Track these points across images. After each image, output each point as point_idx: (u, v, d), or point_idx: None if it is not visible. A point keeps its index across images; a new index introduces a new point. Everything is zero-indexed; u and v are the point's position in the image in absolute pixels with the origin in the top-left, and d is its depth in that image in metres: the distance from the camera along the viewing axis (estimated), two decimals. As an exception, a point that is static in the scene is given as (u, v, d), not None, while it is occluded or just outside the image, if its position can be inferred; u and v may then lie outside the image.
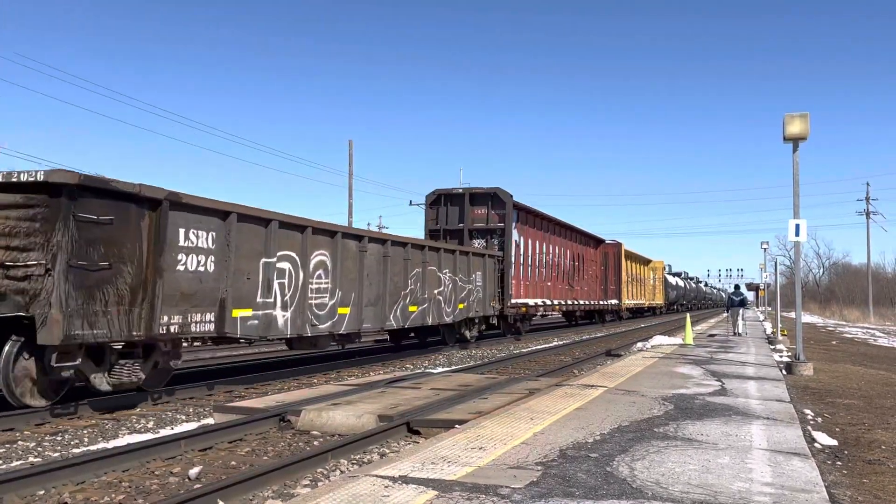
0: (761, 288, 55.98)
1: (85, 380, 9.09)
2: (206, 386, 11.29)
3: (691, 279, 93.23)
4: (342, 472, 6.18)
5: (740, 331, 23.81)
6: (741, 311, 24.28)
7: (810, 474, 5.03)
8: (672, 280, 64.91)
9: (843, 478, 5.67)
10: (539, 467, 5.01)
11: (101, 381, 9.18)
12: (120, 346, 9.37)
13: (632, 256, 45.21)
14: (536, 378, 12.17)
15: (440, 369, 14.66)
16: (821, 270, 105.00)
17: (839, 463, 6.21)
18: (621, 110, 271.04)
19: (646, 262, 51.10)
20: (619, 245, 41.11)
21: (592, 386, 9.67)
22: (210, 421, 8.62)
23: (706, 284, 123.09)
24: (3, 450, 7.11)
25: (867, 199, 65.68)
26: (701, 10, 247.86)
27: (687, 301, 78.71)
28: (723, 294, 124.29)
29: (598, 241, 38.40)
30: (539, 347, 21.67)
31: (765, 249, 43.64)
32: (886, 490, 5.31)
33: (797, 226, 13.19)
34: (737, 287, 25.60)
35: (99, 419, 8.81)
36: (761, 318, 49.26)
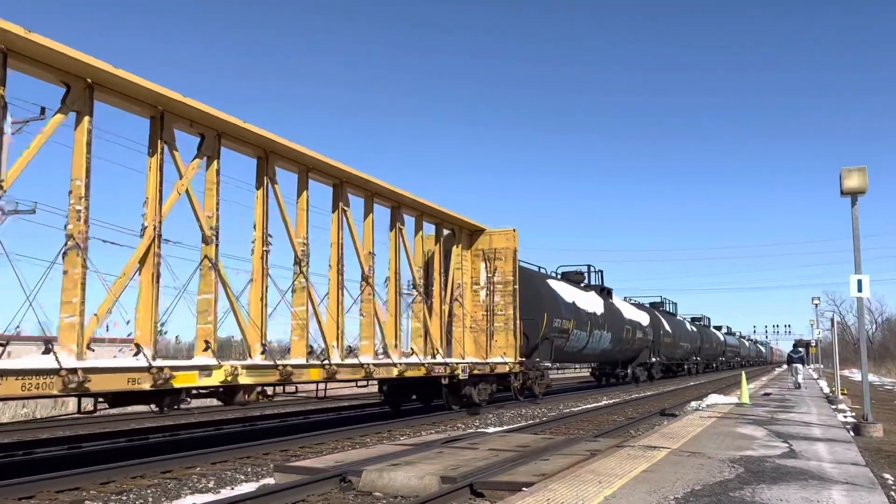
0: (812, 345, 54.47)
1: None
2: (261, 445, 11.30)
3: (714, 328, 75.31)
4: (410, 535, 6.09)
5: (800, 381, 28.36)
6: (800, 366, 28.91)
7: (906, 544, 4.80)
8: (636, 317, 36.25)
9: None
10: (619, 533, 4.87)
11: None
12: None
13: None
14: (595, 438, 11.93)
15: (493, 429, 14.46)
16: (873, 326, 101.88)
17: (930, 532, 5.92)
18: (665, 164, 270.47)
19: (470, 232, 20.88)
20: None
21: (655, 447, 9.43)
22: (270, 481, 8.60)
23: (744, 337, 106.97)
24: (72, 509, 7.19)
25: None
26: (748, 60, 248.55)
27: (709, 357, 62.58)
28: (761, 348, 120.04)
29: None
30: (589, 406, 21.27)
31: (816, 305, 42.72)
32: None
33: (859, 281, 12.88)
34: (796, 345, 30.74)
35: (161, 478, 8.85)
36: (815, 375, 47.77)
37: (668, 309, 51.57)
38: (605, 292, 32.44)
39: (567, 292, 25.65)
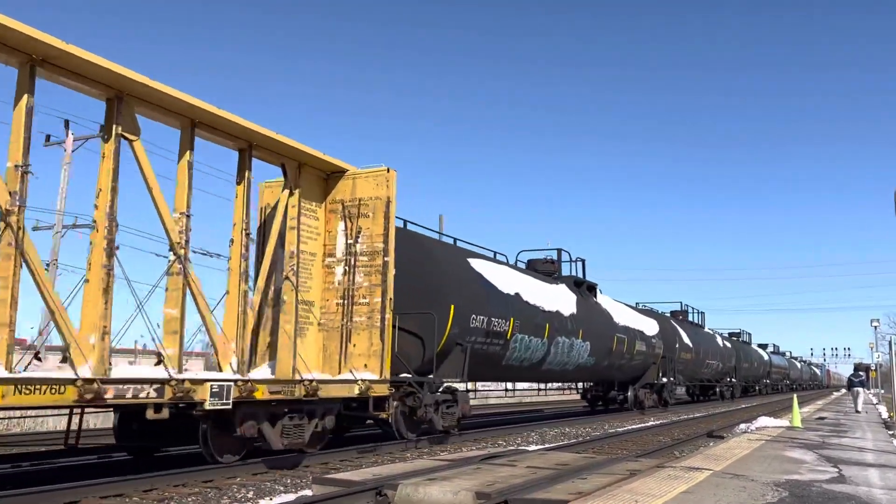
0: (872, 368, 52.59)
1: None
2: (299, 457, 11.41)
3: (759, 346, 65.53)
4: (442, 550, 6.07)
5: (859, 408, 26.92)
6: (861, 390, 27.94)
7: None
8: (638, 324, 27.26)
9: None
10: (650, 553, 4.78)
11: None
12: None
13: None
14: (636, 459, 11.72)
15: (534, 447, 14.33)
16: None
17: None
18: (721, 183, 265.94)
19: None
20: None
21: (697, 469, 9.23)
22: (308, 492, 8.67)
23: (795, 358, 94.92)
24: (115, 514, 7.37)
25: None
26: (802, 78, 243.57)
27: (748, 379, 54.00)
28: (815, 371, 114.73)
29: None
30: (634, 427, 20.91)
31: (875, 327, 41.33)
32: None
33: (915, 302, 12.42)
34: (856, 368, 30.58)
35: (202, 487, 9.01)
36: (874, 400, 46.08)
37: (693, 319, 42.00)
38: (583, 287, 23.13)
39: (508, 279, 17.46)
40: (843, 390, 58.70)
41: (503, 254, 19.74)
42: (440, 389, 14.65)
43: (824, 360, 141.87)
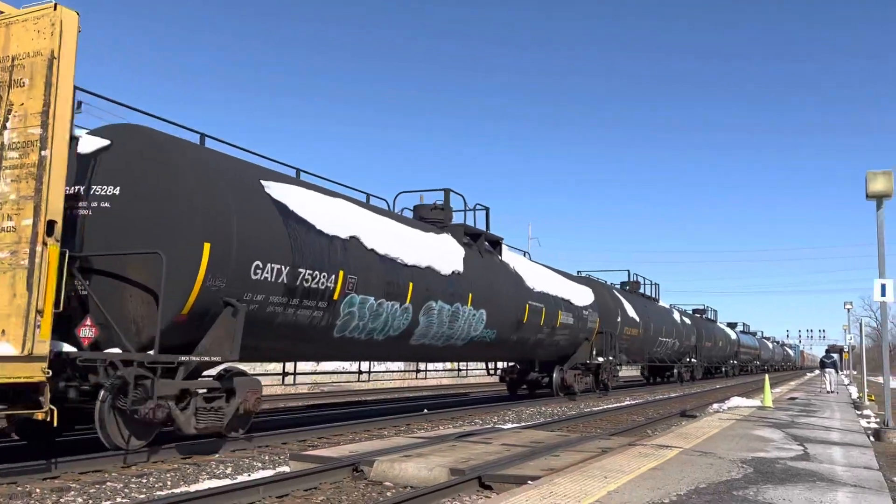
0: (845, 350, 53.51)
1: None
2: (279, 435, 11.55)
3: (728, 325, 60.42)
4: (415, 523, 6.23)
5: (830, 389, 27.75)
6: (832, 371, 29.00)
7: (901, 545, 4.83)
8: (566, 292, 22.50)
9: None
10: (614, 526, 4.97)
11: None
12: None
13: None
14: (609, 437, 11.98)
15: (510, 425, 14.56)
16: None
17: (933, 535, 5.92)
18: (700, 168, 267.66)
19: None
20: None
21: (667, 446, 9.47)
22: (286, 469, 8.81)
23: (767, 338, 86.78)
24: (94, 489, 7.45)
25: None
26: (790, 71, 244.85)
27: (713, 359, 49.33)
28: (788, 351, 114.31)
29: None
30: (611, 406, 21.25)
31: (848, 310, 42.01)
32: None
33: (883, 286, 12.75)
34: (829, 350, 31.87)
35: (181, 463, 9.12)
36: (846, 381, 47.01)
37: (648, 293, 36.02)
38: (479, 241, 17.47)
39: (338, 217, 12.19)
40: (817, 371, 59.81)
41: (383, 198, 15.18)
42: (204, 372, 10.37)
43: (799, 341, 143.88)
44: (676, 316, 39.23)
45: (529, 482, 6.88)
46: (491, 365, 24.83)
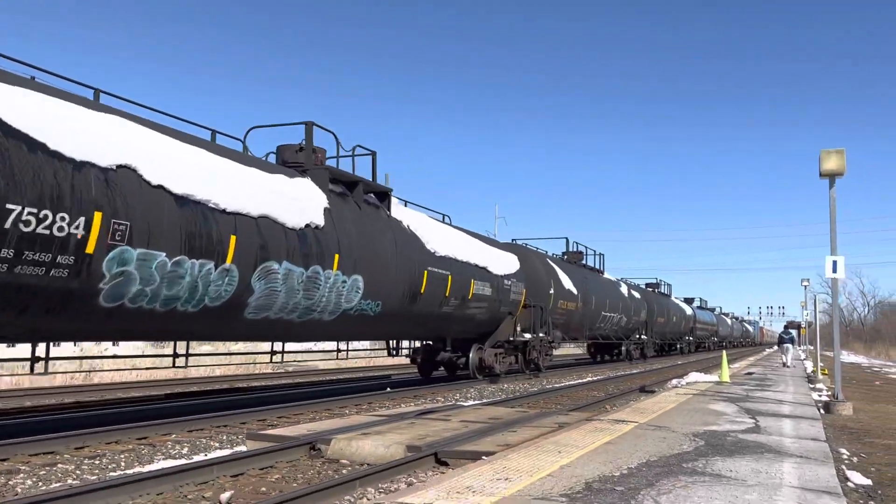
0: (802, 326, 54.78)
1: None
2: (239, 415, 11.48)
3: (684, 300, 58.01)
4: (369, 499, 6.26)
5: (788, 363, 29.07)
6: (789, 347, 30.07)
7: (839, 513, 4.97)
8: (482, 258, 18.80)
9: (876, 518, 5.56)
10: (563, 499, 5.04)
11: None
12: None
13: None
14: (567, 412, 12.12)
15: (471, 402, 14.66)
16: (866, 309, 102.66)
17: (872, 503, 6.10)
18: (659, 146, 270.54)
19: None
20: None
21: (623, 421, 9.61)
22: (243, 448, 8.76)
23: (726, 314, 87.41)
24: (44, 472, 7.33)
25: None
26: (739, 48, 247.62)
27: (666, 335, 45.70)
28: (747, 327, 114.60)
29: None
30: (573, 382, 21.50)
31: (805, 287, 42.94)
32: (920, 531, 5.17)
33: (834, 262, 13.03)
34: (787, 326, 32.11)
35: (136, 444, 9.02)
36: (803, 356, 48.19)
37: (591, 264, 32.56)
38: (356, 190, 14.04)
39: (103, 140, 8.69)
40: (776, 347, 61.29)
41: (236, 137, 12.16)
42: None
43: (760, 318, 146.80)
44: (624, 289, 35.45)
45: (484, 458, 6.93)
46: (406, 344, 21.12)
